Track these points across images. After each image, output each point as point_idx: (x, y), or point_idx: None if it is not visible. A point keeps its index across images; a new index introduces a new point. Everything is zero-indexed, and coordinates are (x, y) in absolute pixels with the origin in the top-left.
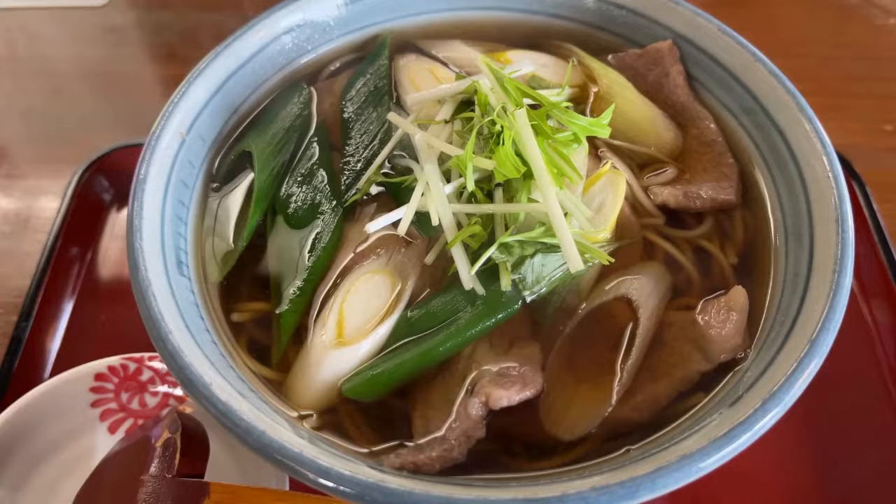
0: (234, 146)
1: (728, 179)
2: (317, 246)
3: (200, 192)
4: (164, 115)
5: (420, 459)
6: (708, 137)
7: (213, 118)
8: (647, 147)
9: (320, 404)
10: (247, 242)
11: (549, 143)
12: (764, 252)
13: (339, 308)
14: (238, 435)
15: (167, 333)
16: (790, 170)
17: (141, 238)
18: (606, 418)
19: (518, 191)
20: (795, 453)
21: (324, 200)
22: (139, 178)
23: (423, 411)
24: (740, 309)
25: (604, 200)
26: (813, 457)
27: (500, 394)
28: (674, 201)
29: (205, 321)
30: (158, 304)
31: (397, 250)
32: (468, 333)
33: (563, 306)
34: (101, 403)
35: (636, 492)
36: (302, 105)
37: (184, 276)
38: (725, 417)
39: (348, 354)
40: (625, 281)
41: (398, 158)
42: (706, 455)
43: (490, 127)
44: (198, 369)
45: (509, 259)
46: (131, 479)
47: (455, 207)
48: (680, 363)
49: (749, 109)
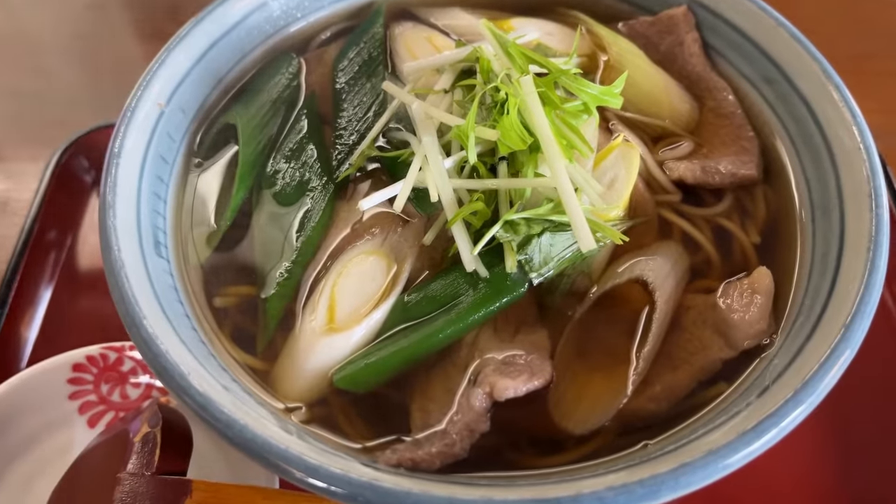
0: (218, 119)
1: (748, 153)
2: (306, 225)
3: (181, 167)
4: (142, 85)
5: (418, 456)
6: (726, 109)
7: (195, 89)
8: (661, 119)
9: (309, 396)
10: (230, 222)
11: (557, 113)
12: (788, 231)
13: (330, 292)
14: (218, 429)
15: (141, 319)
16: (816, 141)
17: (114, 216)
18: (621, 410)
19: (524, 165)
20: (814, 452)
21: (313, 177)
22: (113, 152)
23: (421, 403)
24: (765, 291)
25: (616, 175)
26: (835, 458)
27: (505, 384)
28: (691, 176)
29: (184, 306)
30: (132, 287)
31: (393, 230)
32: (470, 319)
33: (573, 289)
34: (79, 395)
35: (658, 491)
36: (290, 76)
37: (162, 258)
38: (754, 409)
39: (340, 342)
40: (639, 262)
41: (394, 132)
42: (734, 450)
43: (493, 95)
44: (174, 357)
45: (515, 238)
46: (109, 476)
47: (456, 183)
48: (700, 350)
49: (770, 78)
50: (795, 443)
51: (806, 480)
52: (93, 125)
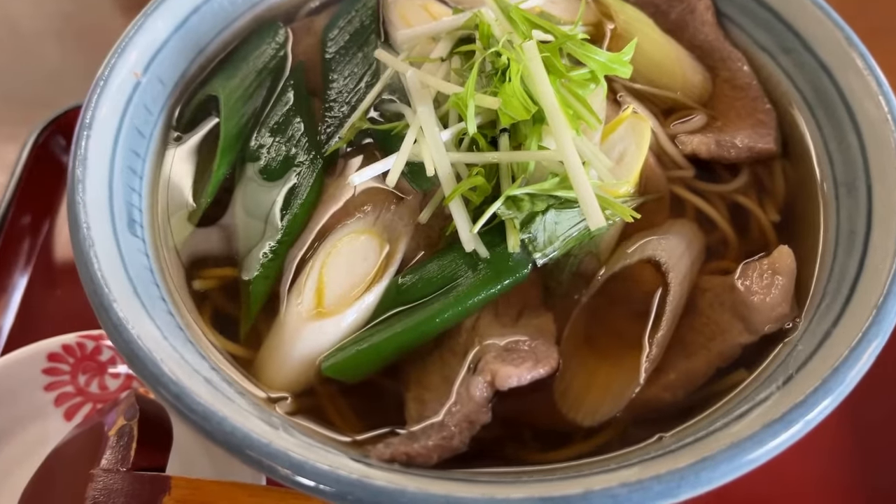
0: (199, 91)
1: (766, 126)
2: (292, 202)
3: (159, 141)
4: (116, 52)
5: (414, 450)
6: (741, 80)
7: (175, 58)
8: (673, 91)
9: (296, 385)
10: (211, 199)
11: (562, 82)
12: (810, 208)
13: (319, 273)
14: (194, 422)
15: (111, 301)
16: (839, 113)
17: (83, 191)
18: (633, 400)
19: (527, 137)
20: (830, 445)
21: (300, 151)
22: (84, 124)
23: (417, 393)
24: (787, 272)
25: (626, 149)
26: (850, 451)
27: (508, 371)
28: (706, 151)
29: (160, 289)
30: (102, 267)
31: (386, 207)
32: (469, 302)
33: (580, 270)
34: (55, 387)
35: (676, 487)
36: (277, 46)
37: (137, 237)
38: (779, 399)
39: (329, 327)
40: (651, 241)
41: (387, 103)
42: (759, 443)
43: (494, 61)
44: (147, 343)
45: (517, 215)
46: (83, 472)
47: (454, 156)
48: (718, 335)
49: (788, 47)
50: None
51: (819, 476)
52: (72, 104)
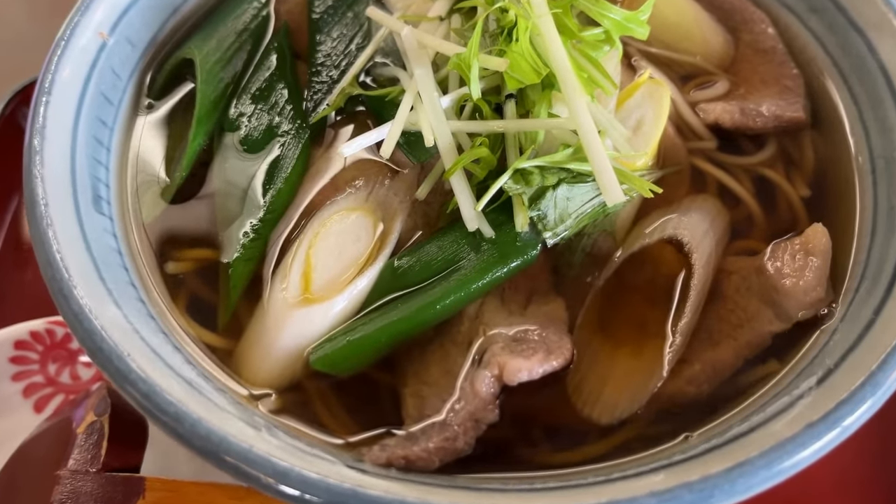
0: (173, 53)
1: (793, 93)
2: (276, 177)
3: (129, 109)
4: (79, 10)
5: (413, 452)
6: (765, 44)
7: (146, 17)
8: (692, 56)
9: (281, 380)
10: (187, 172)
11: (574, 43)
12: (843, 182)
13: (305, 255)
14: (165, 423)
15: (70, 287)
16: (875, 79)
17: (41, 163)
18: (654, 394)
19: (535, 103)
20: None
21: (284, 120)
22: (42, 88)
23: (415, 388)
24: (821, 252)
25: (643, 118)
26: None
27: (517, 364)
28: (729, 120)
29: (129, 273)
30: (61, 249)
31: (380, 182)
32: (473, 287)
33: (594, 251)
34: (23, 376)
35: (709, 497)
36: (259, 5)
37: (103, 215)
38: (819, 396)
39: (317, 315)
40: (672, 219)
41: (381, 67)
42: (801, 446)
43: (500, 18)
44: (112, 335)
45: (526, 191)
46: (49, 473)
47: (455, 125)
48: (745, 322)
49: (816, 7)
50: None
51: (839, 473)
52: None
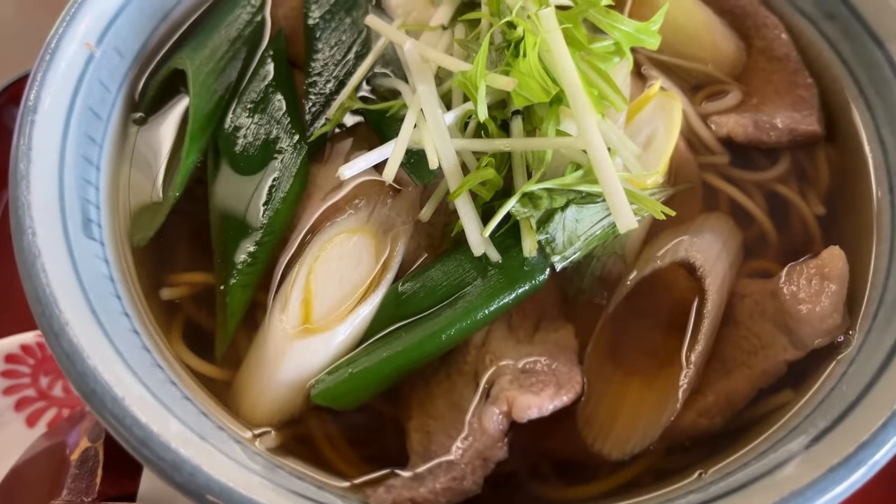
0: (164, 63)
1: (807, 104)
2: (274, 196)
3: (119, 124)
4: (64, 20)
5: (420, 494)
6: (779, 51)
7: (135, 25)
8: (703, 62)
9: (281, 414)
10: (180, 192)
11: (583, 55)
12: (859, 199)
13: (305, 281)
14: (162, 471)
15: (62, 325)
16: (893, 92)
17: (28, 189)
18: (667, 428)
19: (543, 120)
20: None
21: (282, 135)
22: (27, 106)
23: (421, 422)
24: (838, 277)
25: (654, 132)
26: None
27: (527, 401)
28: (742, 133)
29: (122, 302)
30: (50, 283)
31: (381, 201)
32: (480, 315)
33: (604, 275)
34: (15, 390)
35: None
36: (253, 9)
37: (93, 240)
38: (840, 433)
39: (318, 345)
40: (683, 241)
41: (381, 78)
42: (822, 491)
43: (507, 32)
44: (106, 377)
45: (534, 214)
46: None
47: (459, 143)
48: (759, 350)
49: (832, 13)
50: None
51: None
52: (29, 69)
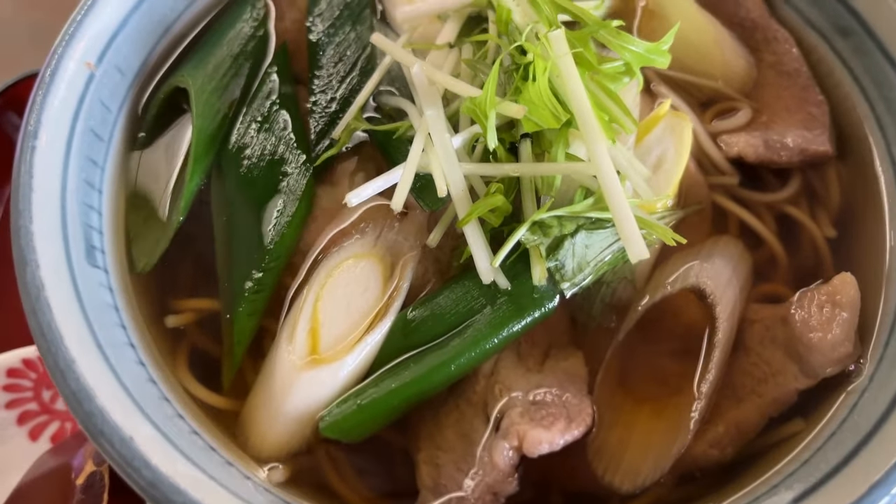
0: (166, 80)
1: (817, 122)
2: (279, 220)
3: (120, 145)
4: (63, 40)
5: None
6: (789, 66)
7: (135, 42)
8: (712, 79)
9: (289, 447)
10: (184, 215)
11: (592, 75)
12: (871, 222)
13: (312, 310)
14: None
15: (69, 362)
16: None
17: (30, 219)
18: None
19: (552, 143)
20: None
21: (288, 155)
22: (27, 132)
23: (430, 454)
24: (850, 304)
25: (664, 154)
26: None
27: (537, 436)
28: (753, 154)
29: (127, 332)
30: (55, 318)
31: (388, 224)
32: (489, 344)
33: (614, 301)
34: (17, 404)
35: None
36: (255, 23)
37: (97, 268)
38: (855, 469)
39: (326, 376)
40: (693, 266)
41: (386, 95)
42: None
43: (516, 56)
44: (113, 417)
45: (544, 241)
46: None
47: (468, 168)
48: (770, 377)
49: (845, 28)
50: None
51: None
52: (26, 71)
